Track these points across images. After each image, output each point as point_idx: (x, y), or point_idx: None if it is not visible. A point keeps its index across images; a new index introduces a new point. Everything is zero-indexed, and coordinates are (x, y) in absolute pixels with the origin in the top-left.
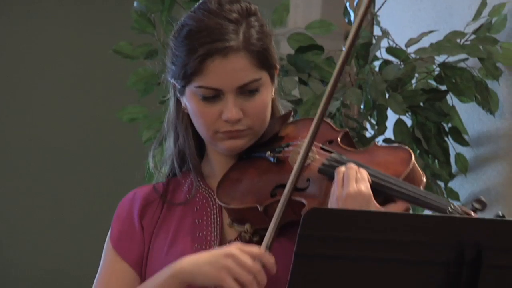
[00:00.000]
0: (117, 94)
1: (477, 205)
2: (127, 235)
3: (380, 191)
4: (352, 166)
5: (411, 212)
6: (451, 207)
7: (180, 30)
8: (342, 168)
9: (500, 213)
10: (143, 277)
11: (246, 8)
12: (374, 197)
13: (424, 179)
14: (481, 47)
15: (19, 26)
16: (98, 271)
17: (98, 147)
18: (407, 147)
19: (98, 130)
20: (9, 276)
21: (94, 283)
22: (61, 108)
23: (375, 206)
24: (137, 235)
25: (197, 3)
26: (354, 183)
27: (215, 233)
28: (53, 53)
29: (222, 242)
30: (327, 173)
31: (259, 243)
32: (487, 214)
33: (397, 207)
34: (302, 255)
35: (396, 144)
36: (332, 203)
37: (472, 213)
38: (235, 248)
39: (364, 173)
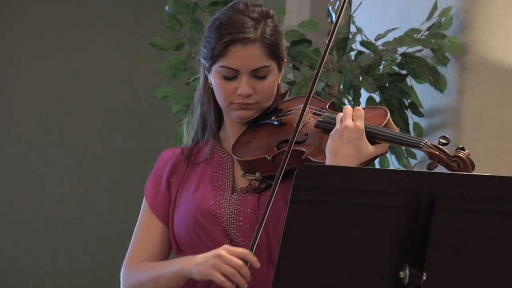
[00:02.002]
0: (152, 77)
1: (443, 141)
2: (156, 190)
3: (367, 136)
4: (349, 106)
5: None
6: (423, 143)
7: (213, 22)
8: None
9: (460, 146)
10: (171, 219)
11: (266, 11)
12: None
13: (398, 129)
14: (433, 40)
15: (83, 27)
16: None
17: (137, 119)
18: (383, 107)
19: (137, 105)
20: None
21: (135, 230)
22: (109, 89)
23: (365, 142)
24: (163, 190)
25: (229, 4)
26: (351, 119)
27: (228, 183)
28: (104, 47)
29: (234, 189)
30: (322, 126)
31: (266, 189)
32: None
33: (381, 147)
34: (296, 201)
35: (374, 106)
36: (332, 135)
37: (440, 146)
38: (223, 250)
39: (361, 112)
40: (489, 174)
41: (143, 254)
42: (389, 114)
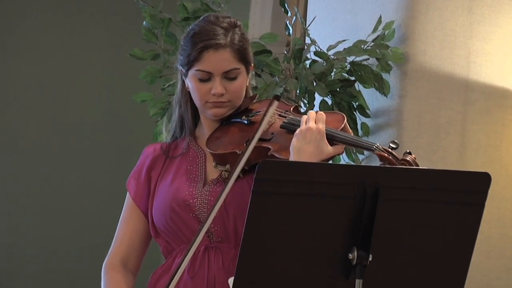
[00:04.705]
0: (132, 84)
1: (393, 145)
2: (137, 182)
3: (327, 137)
4: (312, 111)
5: (344, 152)
6: (375, 146)
7: (188, 33)
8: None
9: (408, 150)
10: (150, 208)
11: (234, 21)
12: None
13: (352, 133)
14: (378, 50)
15: (70, 39)
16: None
17: (119, 120)
18: (341, 112)
19: (120, 108)
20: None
21: (119, 222)
22: (95, 94)
23: (325, 142)
24: (142, 182)
25: (201, 17)
26: (314, 121)
27: (201, 176)
28: (91, 58)
29: (206, 181)
30: (287, 127)
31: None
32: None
33: (339, 148)
34: (257, 192)
35: (333, 111)
36: (296, 135)
37: (390, 149)
38: None
39: (323, 116)
40: (426, 168)
41: (123, 249)
42: (346, 119)
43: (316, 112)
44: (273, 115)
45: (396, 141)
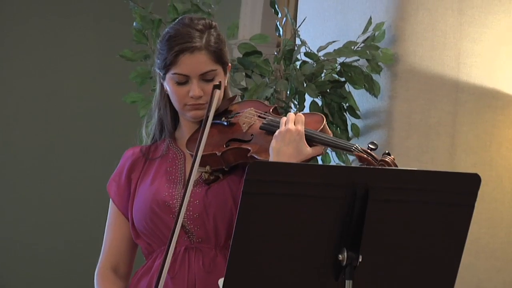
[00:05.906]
0: (122, 85)
1: (372, 146)
2: (118, 184)
3: (306, 138)
4: (292, 113)
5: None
6: (354, 147)
7: (164, 36)
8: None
9: (386, 151)
10: (130, 210)
11: (209, 23)
12: None
13: (331, 134)
14: (368, 51)
15: (61, 40)
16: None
17: (109, 120)
18: (320, 113)
19: (109, 109)
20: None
21: (105, 229)
22: (85, 95)
23: (304, 143)
24: (123, 185)
25: (177, 19)
26: (293, 123)
27: (181, 177)
28: (81, 59)
29: (185, 183)
30: (266, 128)
31: (214, 181)
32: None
33: (318, 149)
34: (247, 193)
35: (312, 112)
36: (276, 136)
37: (369, 150)
38: None
39: (302, 117)
40: (416, 169)
41: (112, 256)
42: (325, 120)
43: (295, 113)
44: (252, 116)
45: (375, 142)
